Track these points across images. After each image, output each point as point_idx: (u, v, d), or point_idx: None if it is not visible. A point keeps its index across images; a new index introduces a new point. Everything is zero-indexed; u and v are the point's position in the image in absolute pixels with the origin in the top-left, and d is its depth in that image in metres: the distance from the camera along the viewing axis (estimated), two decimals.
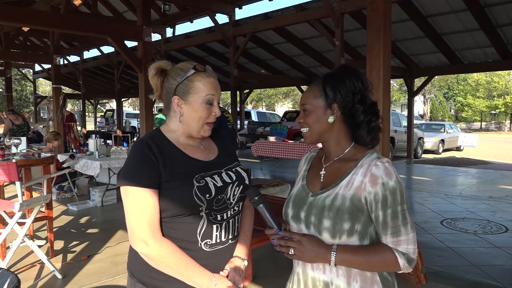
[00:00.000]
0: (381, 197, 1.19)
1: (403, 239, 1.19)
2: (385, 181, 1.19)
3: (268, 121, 17.13)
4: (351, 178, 1.24)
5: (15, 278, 1.44)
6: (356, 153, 1.28)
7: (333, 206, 1.22)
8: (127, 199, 1.28)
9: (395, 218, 1.19)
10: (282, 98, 43.33)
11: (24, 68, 23.69)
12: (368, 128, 1.27)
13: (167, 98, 1.40)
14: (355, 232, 1.21)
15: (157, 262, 1.27)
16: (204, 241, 1.33)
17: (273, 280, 3.50)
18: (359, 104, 1.25)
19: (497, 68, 12.94)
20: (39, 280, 3.57)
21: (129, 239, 1.29)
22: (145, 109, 7.01)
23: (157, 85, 1.41)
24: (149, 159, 1.29)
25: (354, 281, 1.24)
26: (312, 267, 1.29)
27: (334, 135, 1.29)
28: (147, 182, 1.27)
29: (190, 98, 1.35)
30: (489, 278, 3.69)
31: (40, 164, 4.50)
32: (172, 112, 1.40)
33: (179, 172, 1.31)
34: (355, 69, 1.30)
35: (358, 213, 1.21)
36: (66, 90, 22.37)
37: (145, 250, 1.25)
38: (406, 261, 1.19)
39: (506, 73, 33.27)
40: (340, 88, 1.25)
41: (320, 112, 1.27)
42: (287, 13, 9.36)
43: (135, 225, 1.26)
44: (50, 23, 6.29)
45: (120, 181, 1.30)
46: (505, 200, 6.95)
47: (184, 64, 1.40)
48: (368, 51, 3.61)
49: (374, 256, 1.19)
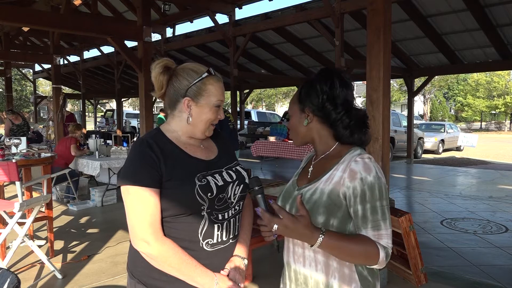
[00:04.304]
0: (359, 192, 1.21)
1: (384, 233, 1.21)
2: (364, 176, 1.21)
3: (268, 121, 17.11)
4: (331, 174, 1.28)
5: (15, 278, 1.44)
6: (341, 150, 1.33)
7: (311, 199, 1.27)
8: (128, 198, 1.27)
9: (375, 213, 1.21)
10: (282, 98, 43.32)
11: (24, 68, 23.68)
12: (342, 125, 1.31)
13: (174, 97, 1.38)
14: (330, 227, 1.23)
15: (159, 262, 1.26)
16: (205, 240, 1.33)
17: (273, 280, 3.50)
18: (329, 104, 1.30)
19: (497, 68, 12.94)
20: (39, 280, 3.58)
21: (131, 239, 1.29)
22: (145, 109, 7.00)
23: (162, 83, 1.37)
24: (150, 158, 1.28)
25: (332, 277, 1.26)
26: (294, 260, 1.34)
27: (316, 136, 1.36)
28: (148, 181, 1.26)
29: (202, 100, 1.36)
30: (489, 278, 3.69)
31: (40, 164, 4.50)
32: (178, 112, 1.39)
33: (180, 171, 1.31)
34: (329, 71, 1.35)
35: (334, 208, 1.23)
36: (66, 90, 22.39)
37: (147, 249, 1.25)
38: (385, 255, 1.20)
39: (506, 73, 33.27)
40: (310, 92, 1.33)
41: (297, 116, 1.37)
42: (287, 13, 9.36)
43: (137, 225, 1.25)
44: (50, 23, 6.29)
45: (120, 181, 1.29)
46: (505, 200, 6.95)
47: (195, 66, 1.38)
48: (368, 51, 3.61)
49: (358, 245, 1.19)
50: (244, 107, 16.65)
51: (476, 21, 8.45)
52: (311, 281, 1.30)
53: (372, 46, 3.57)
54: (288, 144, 9.16)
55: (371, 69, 3.59)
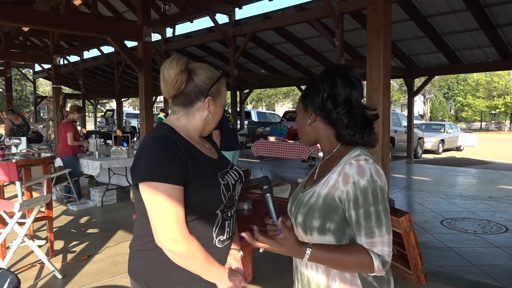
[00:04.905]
0: (352, 197, 1.17)
1: (378, 240, 1.17)
2: (356, 180, 1.17)
3: (268, 121, 17.12)
4: (328, 177, 1.25)
5: (15, 278, 1.44)
6: (343, 151, 1.29)
7: (308, 202, 1.26)
8: (154, 196, 1.22)
9: (368, 219, 1.17)
10: (282, 98, 43.34)
11: (24, 68, 23.69)
12: (343, 124, 1.27)
13: (193, 96, 1.35)
14: (328, 230, 1.22)
15: (185, 260, 1.25)
16: (218, 237, 1.37)
17: (273, 280, 3.50)
18: (329, 103, 1.28)
19: (497, 68, 12.95)
20: (39, 280, 3.57)
21: (157, 238, 1.24)
22: (145, 109, 7.01)
23: (182, 82, 1.32)
24: (177, 155, 1.25)
25: (333, 280, 1.25)
26: (299, 262, 1.35)
27: (321, 135, 1.33)
28: (178, 178, 1.23)
29: (218, 100, 1.40)
30: (489, 278, 3.69)
31: (40, 164, 4.50)
32: (194, 110, 1.36)
33: (205, 170, 1.31)
34: (333, 69, 1.31)
35: (330, 212, 1.21)
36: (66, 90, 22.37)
37: (176, 248, 1.23)
38: (380, 263, 1.16)
39: (506, 73, 33.28)
40: (312, 91, 1.31)
41: (301, 115, 1.36)
42: (287, 13, 9.36)
43: (167, 224, 1.22)
44: (50, 23, 6.29)
45: (143, 177, 1.23)
46: (505, 200, 6.95)
47: (209, 66, 1.40)
48: (368, 51, 3.61)
49: (348, 256, 1.17)
50: (244, 107, 16.65)
51: (476, 21, 8.46)
52: (313, 283, 1.30)
53: (372, 46, 3.57)
54: (288, 144, 9.16)
55: (371, 69, 3.59)
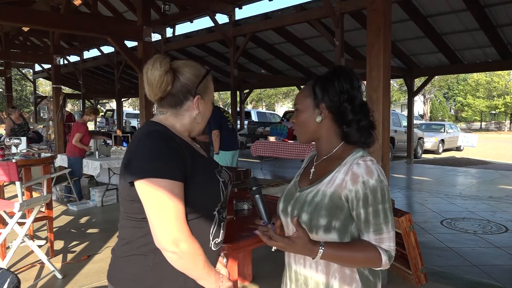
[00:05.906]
0: (362, 196, 1.21)
1: (386, 236, 1.22)
2: (366, 179, 1.21)
3: (268, 121, 17.10)
4: (333, 176, 1.27)
5: (15, 278, 1.44)
6: (344, 151, 1.31)
7: (313, 201, 1.26)
8: (154, 193, 1.14)
9: (377, 216, 1.21)
10: (282, 98, 43.32)
11: (24, 68, 23.68)
12: (357, 126, 1.29)
13: (181, 96, 1.29)
14: (333, 228, 1.23)
15: (186, 262, 1.18)
16: (214, 240, 1.31)
17: (273, 280, 3.49)
18: (347, 103, 1.28)
19: (497, 68, 12.93)
20: (39, 280, 3.57)
21: (157, 238, 1.15)
22: (145, 109, 7.00)
23: (167, 83, 1.25)
24: (176, 151, 1.20)
25: (333, 277, 1.26)
26: (295, 261, 1.34)
27: (324, 134, 1.33)
28: (178, 174, 1.17)
29: (207, 98, 1.35)
30: (489, 278, 3.69)
31: (40, 164, 4.50)
32: (183, 110, 1.32)
33: (203, 167, 1.27)
34: (347, 70, 1.32)
35: (336, 211, 1.23)
36: (66, 90, 22.36)
37: (179, 248, 1.14)
38: (388, 258, 1.21)
39: (506, 73, 33.26)
40: (328, 88, 1.29)
41: (309, 111, 1.32)
42: (287, 13, 9.35)
43: (169, 223, 1.14)
44: (50, 23, 6.29)
45: (142, 174, 1.15)
46: (505, 200, 6.95)
47: (193, 63, 1.33)
48: (368, 51, 3.61)
49: (359, 252, 1.21)
50: (244, 107, 16.64)
51: (476, 21, 8.45)
52: (311, 282, 1.30)
53: (372, 46, 3.57)
54: (288, 144, 9.15)
55: (371, 69, 3.59)
